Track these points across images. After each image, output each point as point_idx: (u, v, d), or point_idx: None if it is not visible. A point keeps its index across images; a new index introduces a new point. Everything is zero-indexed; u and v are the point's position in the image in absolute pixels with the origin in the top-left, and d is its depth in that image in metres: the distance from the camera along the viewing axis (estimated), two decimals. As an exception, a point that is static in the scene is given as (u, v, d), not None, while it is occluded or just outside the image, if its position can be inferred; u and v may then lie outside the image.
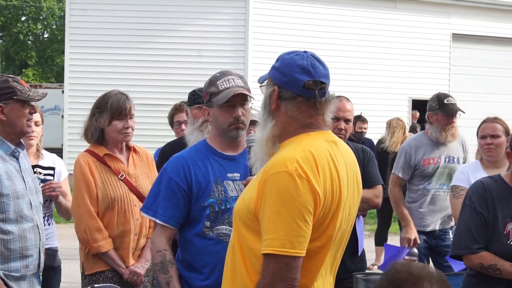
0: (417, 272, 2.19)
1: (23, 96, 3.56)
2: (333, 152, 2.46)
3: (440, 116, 5.51)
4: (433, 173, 5.57)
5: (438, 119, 5.54)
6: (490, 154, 4.77)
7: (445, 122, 5.53)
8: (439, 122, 5.54)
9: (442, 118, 5.51)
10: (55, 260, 4.56)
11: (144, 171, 4.13)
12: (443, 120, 5.52)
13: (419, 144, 5.61)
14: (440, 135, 5.54)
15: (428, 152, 5.57)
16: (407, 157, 5.59)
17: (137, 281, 3.99)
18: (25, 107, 3.58)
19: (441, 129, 5.54)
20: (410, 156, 5.58)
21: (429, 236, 5.64)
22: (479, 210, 3.51)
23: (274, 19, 15.00)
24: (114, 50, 14.70)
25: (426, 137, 5.65)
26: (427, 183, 5.59)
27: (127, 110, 3.98)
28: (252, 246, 2.41)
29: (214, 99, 3.17)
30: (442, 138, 5.54)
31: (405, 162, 5.59)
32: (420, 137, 5.76)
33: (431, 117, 5.58)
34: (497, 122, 4.80)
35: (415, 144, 5.63)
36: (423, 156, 5.56)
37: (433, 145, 5.58)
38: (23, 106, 3.57)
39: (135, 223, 4.01)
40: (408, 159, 5.58)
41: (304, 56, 2.50)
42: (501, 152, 4.68)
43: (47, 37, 42.04)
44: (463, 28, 16.98)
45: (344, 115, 4.33)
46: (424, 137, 5.67)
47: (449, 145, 5.61)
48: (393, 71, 16.06)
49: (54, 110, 21.88)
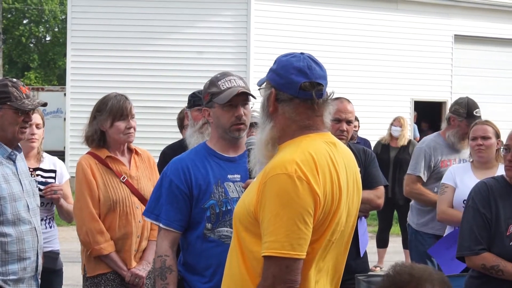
0: (419, 274, 2.18)
1: (17, 103, 3.52)
2: (333, 153, 2.45)
3: (465, 124, 5.43)
4: None
5: (460, 126, 5.46)
6: (480, 155, 4.83)
7: (467, 131, 5.46)
8: (461, 128, 5.47)
9: (465, 127, 5.44)
10: (57, 263, 4.55)
11: (146, 173, 4.12)
12: (466, 129, 5.44)
13: (437, 146, 5.54)
14: (458, 142, 5.47)
15: (445, 154, 5.51)
16: (426, 158, 5.50)
17: (139, 283, 3.98)
18: (18, 115, 3.54)
19: (460, 136, 5.47)
20: (430, 157, 5.50)
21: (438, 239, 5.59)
22: (482, 211, 3.51)
23: (276, 20, 14.99)
24: (116, 53, 14.71)
25: (442, 139, 5.57)
26: None
27: (128, 111, 3.99)
28: (252, 249, 2.41)
29: (216, 99, 3.16)
30: (458, 145, 5.49)
31: (425, 163, 5.51)
32: (436, 138, 5.66)
33: (453, 121, 5.47)
34: (488, 124, 4.91)
35: (433, 145, 5.56)
36: (441, 158, 5.51)
37: (449, 147, 5.53)
38: (17, 113, 3.54)
39: (137, 226, 4.00)
40: (427, 159, 5.51)
41: (301, 57, 2.50)
42: (491, 153, 4.79)
43: (49, 40, 42.08)
44: (465, 29, 16.96)
45: (346, 117, 4.32)
46: (440, 139, 5.59)
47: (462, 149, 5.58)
48: (395, 72, 16.05)
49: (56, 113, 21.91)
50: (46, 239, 4.26)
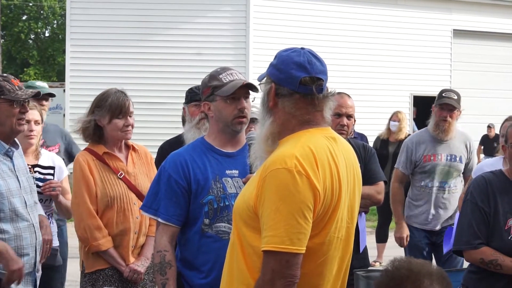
0: (417, 269, 2.18)
1: (10, 95, 3.55)
2: (333, 148, 2.45)
3: (436, 109, 5.50)
4: (433, 170, 5.54)
5: (435, 113, 5.53)
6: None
7: (438, 115, 5.50)
8: (435, 115, 5.53)
9: (438, 111, 5.50)
10: (56, 260, 4.55)
11: (143, 169, 4.13)
12: (437, 113, 5.50)
13: (421, 140, 5.59)
14: (434, 131, 5.52)
15: (429, 149, 5.54)
16: (408, 153, 5.58)
17: (137, 279, 3.99)
18: (13, 106, 3.57)
19: (434, 123, 5.52)
20: (411, 152, 5.56)
21: (430, 233, 5.63)
22: (480, 205, 3.51)
23: (275, 16, 14.98)
24: (115, 49, 14.69)
25: (428, 133, 5.62)
26: (428, 181, 5.56)
27: (127, 108, 3.98)
28: (252, 244, 2.41)
29: (219, 91, 3.16)
30: (436, 134, 5.52)
31: (406, 158, 5.58)
32: (422, 133, 5.73)
33: (433, 111, 5.57)
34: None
35: (416, 139, 5.61)
36: (424, 152, 5.54)
37: (434, 141, 5.55)
38: (12, 105, 3.56)
39: (135, 222, 4.01)
40: (409, 154, 5.56)
41: (301, 52, 2.50)
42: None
43: (48, 36, 42.02)
44: (464, 24, 16.95)
45: (346, 111, 4.33)
46: (426, 133, 5.64)
47: (451, 143, 5.57)
48: (394, 67, 16.05)
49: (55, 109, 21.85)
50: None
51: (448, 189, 5.55)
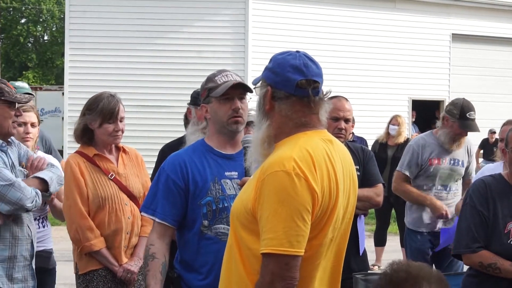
0: (416, 272, 2.17)
1: (11, 97, 3.59)
2: (329, 150, 2.46)
3: (456, 126, 5.46)
4: (435, 174, 5.53)
5: (453, 127, 5.48)
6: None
7: (458, 132, 5.48)
8: (452, 129, 5.49)
9: (457, 129, 5.46)
10: (49, 262, 4.56)
11: (134, 170, 4.16)
12: (457, 131, 5.47)
13: (427, 144, 5.57)
14: (447, 143, 5.50)
15: (435, 153, 5.53)
16: (414, 156, 5.54)
17: (131, 279, 4.02)
18: (11, 109, 3.62)
19: (451, 137, 5.49)
20: (417, 155, 5.53)
21: (432, 235, 5.61)
22: (479, 208, 3.50)
23: (274, 19, 14.99)
24: (114, 52, 14.70)
25: (433, 137, 5.59)
26: (430, 184, 5.55)
27: (117, 113, 4.01)
28: (250, 246, 2.41)
29: (213, 93, 3.18)
30: (447, 145, 5.51)
31: (411, 160, 5.54)
32: (428, 136, 5.69)
33: (447, 121, 5.50)
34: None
35: (423, 143, 5.58)
36: (430, 156, 5.53)
37: (440, 146, 5.55)
38: (10, 107, 3.61)
39: (127, 222, 4.05)
40: (415, 157, 5.53)
41: (297, 55, 2.50)
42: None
43: (47, 39, 42.06)
44: (463, 28, 16.98)
45: (344, 115, 4.32)
46: (431, 137, 5.61)
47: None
48: (392, 71, 16.06)
49: (54, 112, 21.90)
50: (39, 239, 4.28)
51: (449, 193, 5.55)
